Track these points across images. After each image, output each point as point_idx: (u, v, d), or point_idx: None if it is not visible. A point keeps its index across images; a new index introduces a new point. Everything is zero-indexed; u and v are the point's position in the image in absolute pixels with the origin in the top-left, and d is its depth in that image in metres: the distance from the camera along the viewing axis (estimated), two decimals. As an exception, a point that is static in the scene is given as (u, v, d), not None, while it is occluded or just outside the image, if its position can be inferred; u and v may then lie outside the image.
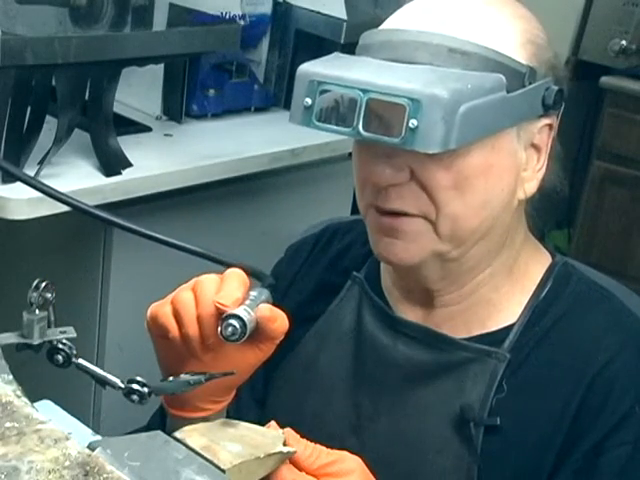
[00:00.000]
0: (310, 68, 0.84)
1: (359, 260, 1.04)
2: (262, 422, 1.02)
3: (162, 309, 0.81)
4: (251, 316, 0.77)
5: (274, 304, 0.81)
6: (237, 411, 0.99)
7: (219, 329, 0.76)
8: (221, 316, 0.77)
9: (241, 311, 0.76)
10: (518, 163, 0.88)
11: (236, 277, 0.80)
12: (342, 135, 0.83)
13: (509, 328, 0.93)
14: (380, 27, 0.90)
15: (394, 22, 0.89)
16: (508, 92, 0.83)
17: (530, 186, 0.90)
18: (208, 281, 0.81)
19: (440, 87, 0.78)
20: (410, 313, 0.97)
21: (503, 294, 0.94)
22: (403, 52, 0.84)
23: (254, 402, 1.05)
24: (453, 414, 0.91)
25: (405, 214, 0.86)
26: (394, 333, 0.96)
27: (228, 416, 0.93)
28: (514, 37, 0.86)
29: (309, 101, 0.83)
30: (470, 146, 0.82)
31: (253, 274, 0.84)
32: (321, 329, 1.02)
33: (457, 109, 0.77)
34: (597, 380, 0.88)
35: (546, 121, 0.89)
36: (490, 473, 0.90)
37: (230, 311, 0.76)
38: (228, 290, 0.79)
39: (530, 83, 0.85)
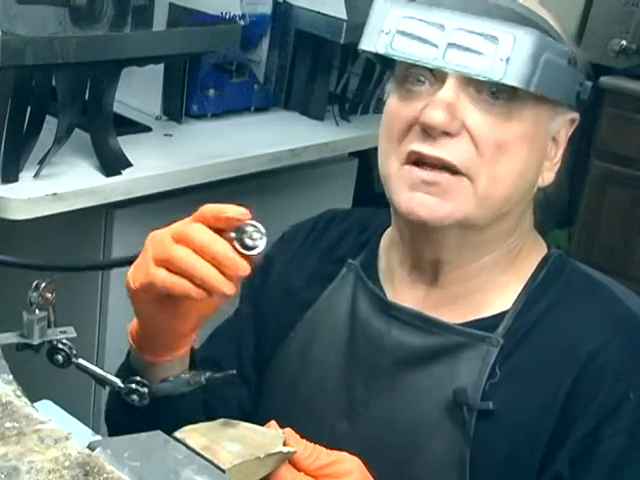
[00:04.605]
0: (389, 1, 0.86)
1: (355, 248, 1.04)
2: (253, 403, 1.03)
3: (155, 275, 0.77)
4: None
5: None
6: (226, 390, 1.00)
7: (243, 243, 0.75)
8: (234, 235, 0.75)
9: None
10: (545, 147, 0.91)
11: (213, 206, 0.80)
12: (422, 64, 0.84)
13: (503, 314, 0.93)
14: None
15: None
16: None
17: (548, 176, 0.93)
18: (195, 229, 0.78)
19: (528, 29, 0.82)
20: (408, 296, 0.97)
21: (501, 282, 0.95)
22: (475, 7, 0.86)
23: (241, 379, 1.06)
24: (446, 399, 0.91)
25: (447, 169, 0.86)
26: (388, 318, 0.96)
27: (212, 391, 0.93)
28: (562, 28, 0.90)
29: (387, 28, 0.84)
30: (522, 111, 0.86)
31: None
32: (315, 315, 1.03)
33: (541, 54, 0.82)
34: (588, 366, 0.89)
35: (572, 115, 0.92)
36: (482, 457, 0.90)
37: (249, 216, 0.76)
38: (227, 207, 0.78)
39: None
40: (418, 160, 0.87)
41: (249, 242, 0.75)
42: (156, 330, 0.85)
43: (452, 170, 0.86)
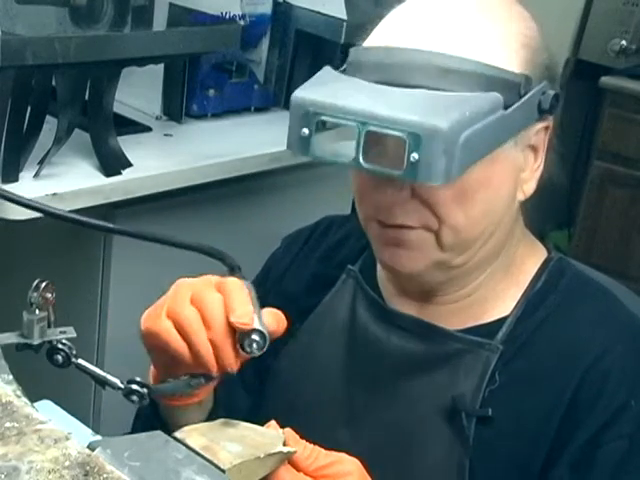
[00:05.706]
0: (305, 96, 0.82)
1: (354, 253, 1.04)
2: (255, 411, 1.02)
3: (162, 325, 0.78)
4: (265, 326, 0.75)
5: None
6: (229, 399, 1.00)
7: (242, 345, 0.75)
8: (238, 333, 0.75)
9: (258, 324, 0.75)
10: (517, 167, 0.88)
11: (239, 288, 0.78)
12: (341, 164, 0.81)
13: (502, 320, 0.93)
14: (369, 42, 0.88)
15: (384, 37, 0.87)
16: (505, 108, 0.81)
17: (529, 186, 0.91)
18: (212, 299, 0.77)
19: (439, 118, 0.75)
20: (404, 306, 0.97)
21: (499, 290, 0.95)
22: (397, 74, 0.82)
23: (244, 392, 1.06)
24: (445, 405, 0.91)
25: (408, 227, 0.86)
26: (387, 325, 0.96)
27: (219, 403, 0.94)
28: (508, 44, 0.85)
29: (306, 131, 0.81)
30: None
31: (215, 256, 0.81)
32: (316, 322, 1.03)
33: (457, 140, 0.75)
34: (590, 373, 0.88)
35: (543, 124, 0.89)
36: (482, 464, 0.90)
37: (252, 326, 0.74)
38: (241, 307, 0.75)
39: (525, 92, 0.83)
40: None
41: (247, 349, 0.75)
42: (162, 373, 0.84)
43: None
